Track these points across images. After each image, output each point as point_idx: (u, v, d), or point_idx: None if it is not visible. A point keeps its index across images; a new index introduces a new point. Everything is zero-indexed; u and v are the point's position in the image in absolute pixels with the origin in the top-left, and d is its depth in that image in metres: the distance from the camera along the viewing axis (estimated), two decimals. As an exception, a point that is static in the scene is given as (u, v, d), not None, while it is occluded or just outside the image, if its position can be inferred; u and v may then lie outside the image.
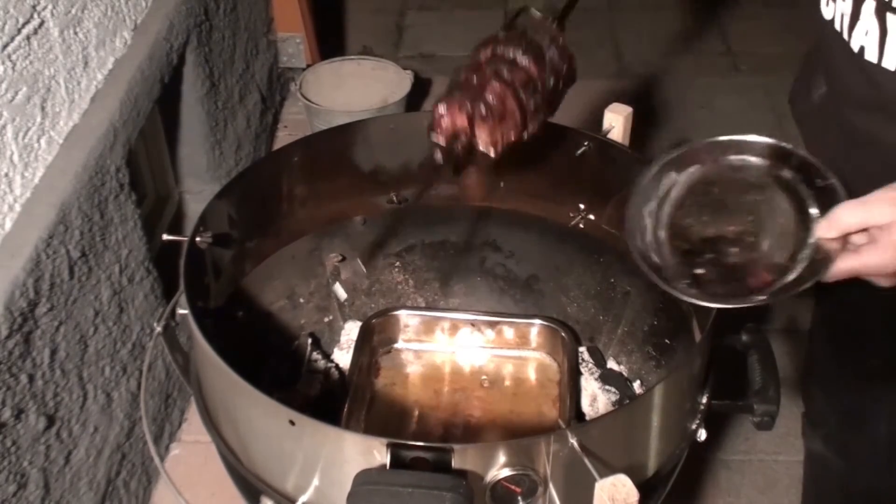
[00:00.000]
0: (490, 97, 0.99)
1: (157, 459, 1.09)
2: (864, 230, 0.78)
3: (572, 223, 1.25)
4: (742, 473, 1.61)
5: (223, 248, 1.11)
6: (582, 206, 1.24)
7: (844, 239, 0.79)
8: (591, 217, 1.24)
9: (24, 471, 1.15)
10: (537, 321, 1.23)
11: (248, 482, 0.95)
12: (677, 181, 0.92)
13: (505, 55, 1.02)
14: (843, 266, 0.78)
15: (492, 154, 1.01)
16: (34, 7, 1.19)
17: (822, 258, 0.79)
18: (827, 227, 0.79)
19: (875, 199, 0.77)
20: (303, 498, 0.89)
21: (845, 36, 0.91)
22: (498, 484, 0.80)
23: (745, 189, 0.88)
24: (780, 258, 0.82)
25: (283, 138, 2.37)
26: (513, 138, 1.03)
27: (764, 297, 0.80)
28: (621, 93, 2.49)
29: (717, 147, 0.91)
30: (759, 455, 1.63)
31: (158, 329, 1.06)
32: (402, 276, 1.34)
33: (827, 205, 0.81)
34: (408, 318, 1.24)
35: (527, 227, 1.29)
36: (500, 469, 0.80)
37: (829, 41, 0.95)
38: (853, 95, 0.97)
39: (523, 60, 1.04)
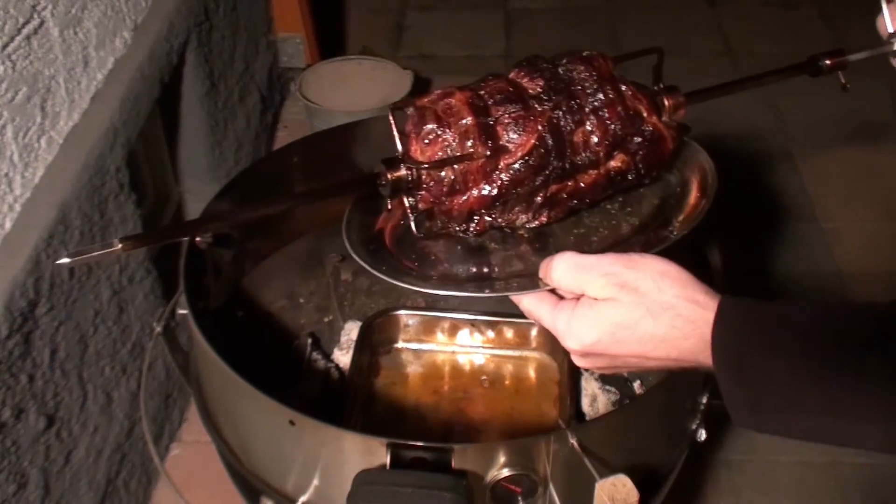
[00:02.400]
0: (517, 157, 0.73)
1: (157, 459, 1.10)
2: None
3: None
4: (742, 473, 1.61)
5: (223, 248, 1.11)
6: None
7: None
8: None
9: (24, 471, 1.15)
10: (537, 321, 1.23)
11: (248, 482, 0.95)
12: None
13: (574, 97, 0.76)
14: (533, 311, 0.72)
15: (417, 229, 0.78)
16: (34, 7, 1.19)
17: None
18: (542, 269, 0.71)
19: (601, 267, 0.67)
20: (303, 498, 0.89)
21: None
22: (498, 484, 0.81)
23: None
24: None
25: (283, 138, 2.37)
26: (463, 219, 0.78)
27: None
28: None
29: None
30: (759, 455, 1.63)
31: (158, 329, 1.06)
32: (403, 276, 1.34)
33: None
34: (408, 318, 1.24)
35: (527, 227, 1.29)
36: (500, 469, 0.80)
37: None
38: None
39: (595, 122, 0.76)
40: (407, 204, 0.74)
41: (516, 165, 0.73)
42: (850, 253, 2.02)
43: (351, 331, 1.27)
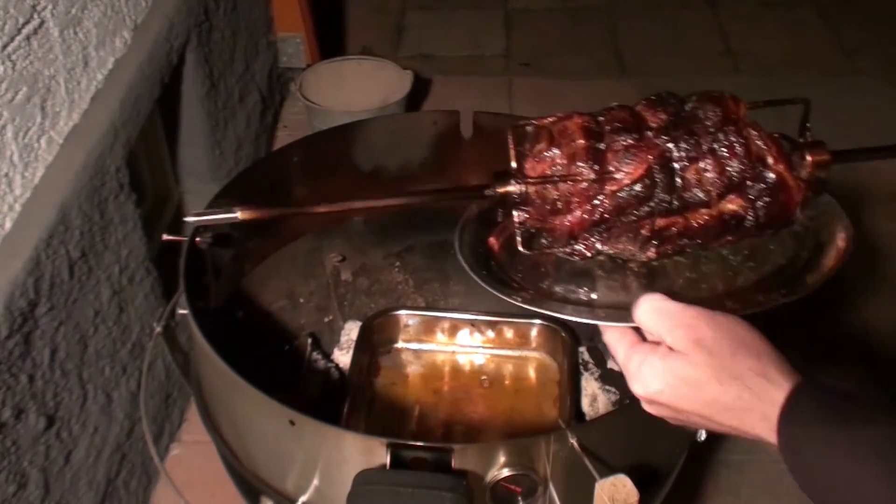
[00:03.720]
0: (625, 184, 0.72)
1: (157, 459, 1.10)
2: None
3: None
4: (742, 473, 1.61)
5: (223, 248, 1.11)
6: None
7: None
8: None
9: (24, 471, 1.15)
10: (537, 321, 1.23)
11: (248, 482, 0.95)
12: None
13: (695, 135, 0.74)
14: (611, 345, 0.71)
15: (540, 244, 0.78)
16: (34, 7, 1.19)
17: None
18: (635, 307, 0.69)
19: (681, 317, 0.66)
20: (303, 498, 0.89)
21: None
22: (498, 484, 0.81)
23: None
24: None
25: (283, 138, 2.37)
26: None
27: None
28: (621, 93, 2.48)
29: None
30: (759, 455, 1.62)
31: (158, 329, 1.06)
32: (402, 276, 1.34)
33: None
34: (408, 318, 1.24)
35: (527, 227, 1.29)
36: (500, 469, 0.80)
37: None
38: None
39: (716, 162, 0.74)
40: (515, 218, 0.76)
41: (621, 193, 0.73)
42: (850, 253, 2.02)
43: (351, 331, 1.27)
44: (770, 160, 0.76)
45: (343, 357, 1.25)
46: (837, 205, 0.84)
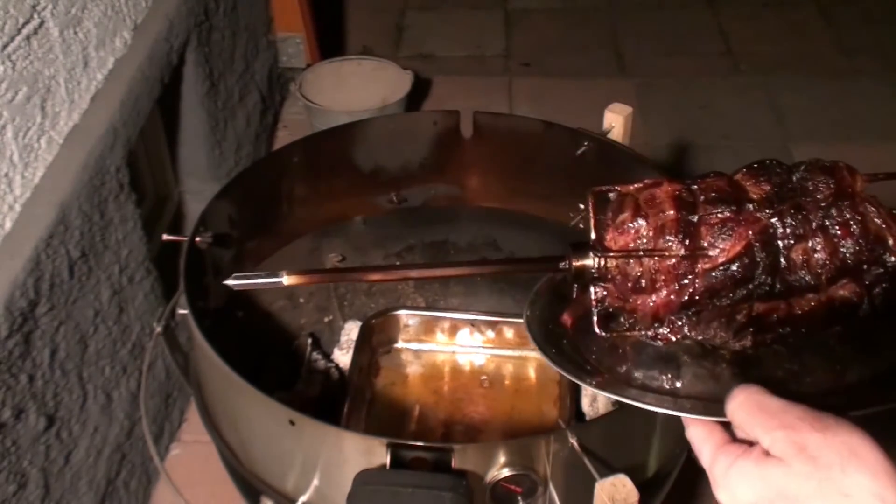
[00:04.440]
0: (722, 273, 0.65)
1: (157, 459, 1.09)
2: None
3: (572, 223, 1.25)
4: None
5: (223, 248, 1.11)
6: (582, 206, 1.24)
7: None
8: (592, 217, 1.24)
9: (24, 471, 1.15)
10: (537, 321, 1.23)
11: (248, 482, 0.95)
12: None
13: (809, 213, 0.66)
14: (695, 442, 0.62)
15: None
16: (34, 7, 1.19)
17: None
18: (728, 399, 0.60)
19: (784, 416, 0.56)
20: (303, 498, 0.89)
21: None
22: (498, 484, 0.81)
23: None
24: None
25: (283, 138, 2.37)
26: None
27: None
28: (621, 93, 2.49)
29: None
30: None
31: (158, 329, 1.06)
32: (402, 276, 1.34)
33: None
34: (408, 318, 1.24)
35: (527, 227, 1.29)
36: (500, 469, 0.80)
37: None
38: None
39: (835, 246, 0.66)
40: (592, 295, 0.69)
41: (715, 273, 0.65)
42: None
43: (351, 331, 1.27)
44: (891, 241, 0.67)
45: (343, 357, 1.25)
46: None
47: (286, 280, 0.67)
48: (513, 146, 1.25)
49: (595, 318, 0.69)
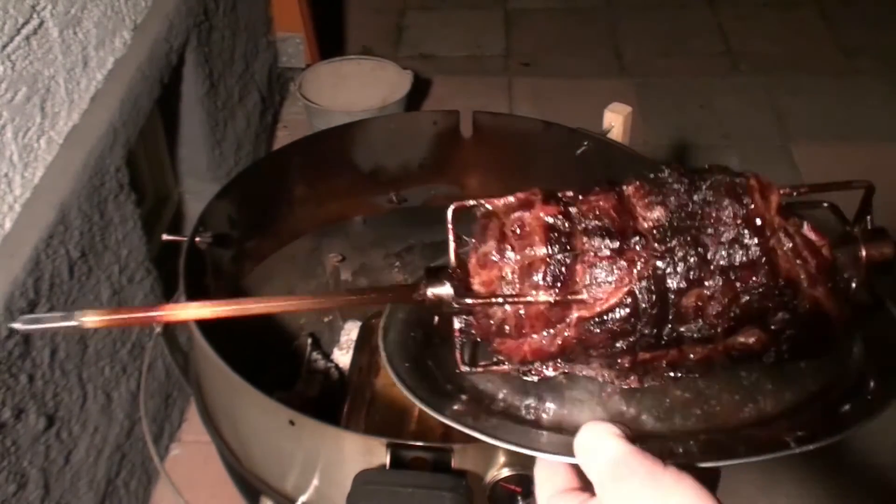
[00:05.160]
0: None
1: (157, 459, 1.10)
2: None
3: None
4: (742, 473, 1.61)
5: (223, 248, 1.11)
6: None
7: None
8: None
9: (23, 471, 1.15)
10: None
11: (248, 482, 0.95)
12: None
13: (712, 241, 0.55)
14: (536, 483, 0.56)
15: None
16: (34, 7, 1.19)
17: None
18: (576, 437, 0.52)
19: (620, 470, 0.49)
20: (303, 498, 0.89)
21: None
22: (498, 484, 0.81)
23: None
24: None
25: (283, 138, 2.37)
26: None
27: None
28: (621, 93, 2.49)
29: None
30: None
31: (158, 329, 1.06)
32: (402, 276, 1.34)
33: None
34: (407, 318, 1.24)
35: (527, 226, 1.29)
36: (500, 469, 0.80)
37: None
38: None
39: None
40: (456, 327, 0.59)
41: (589, 325, 0.55)
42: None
43: (351, 331, 1.27)
44: (805, 282, 0.55)
45: (343, 357, 1.25)
46: (891, 308, 0.64)
47: (85, 321, 0.55)
48: (513, 146, 1.25)
49: (457, 354, 0.60)
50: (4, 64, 1.12)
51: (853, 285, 0.58)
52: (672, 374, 0.59)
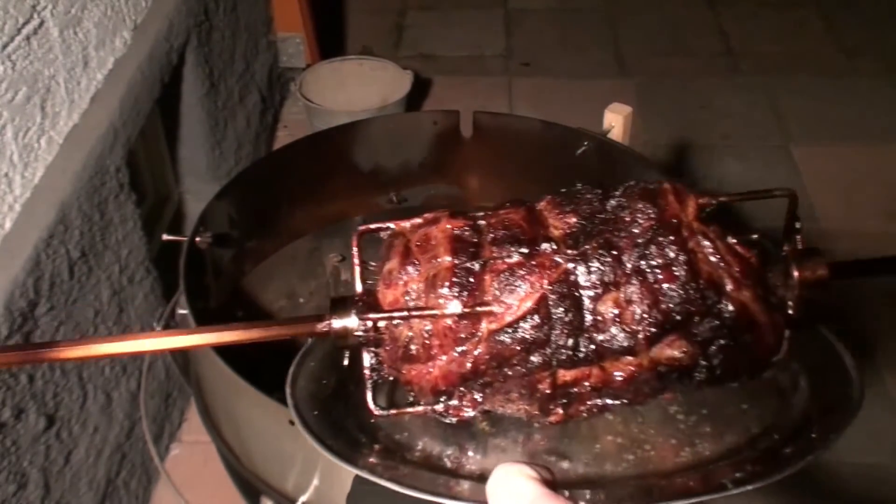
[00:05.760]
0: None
1: (157, 459, 1.10)
2: None
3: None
4: None
5: (223, 248, 1.11)
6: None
7: None
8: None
9: (24, 471, 1.15)
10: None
11: (248, 482, 0.95)
12: None
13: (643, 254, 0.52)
14: None
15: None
16: (34, 7, 1.19)
17: None
18: (487, 484, 0.50)
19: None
20: (303, 498, 0.89)
21: None
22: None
23: None
24: None
25: (283, 138, 2.37)
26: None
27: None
28: (621, 93, 2.49)
29: None
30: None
31: (158, 329, 1.06)
32: (402, 276, 1.34)
33: None
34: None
35: (527, 227, 1.29)
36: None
37: None
38: None
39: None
40: (366, 364, 0.55)
41: (501, 336, 0.51)
42: (850, 253, 2.01)
43: (351, 331, 1.27)
44: (729, 285, 0.52)
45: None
46: (835, 342, 0.60)
47: None
48: (513, 146, 1.25)
49: (369, 394, 0.55)
50: (5, 64, 1.12)
51: (789, 303, 0.54)
52: (599, 401, 0.54)
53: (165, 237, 1.16)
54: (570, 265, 0.51)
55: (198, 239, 1.04)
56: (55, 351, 0.53)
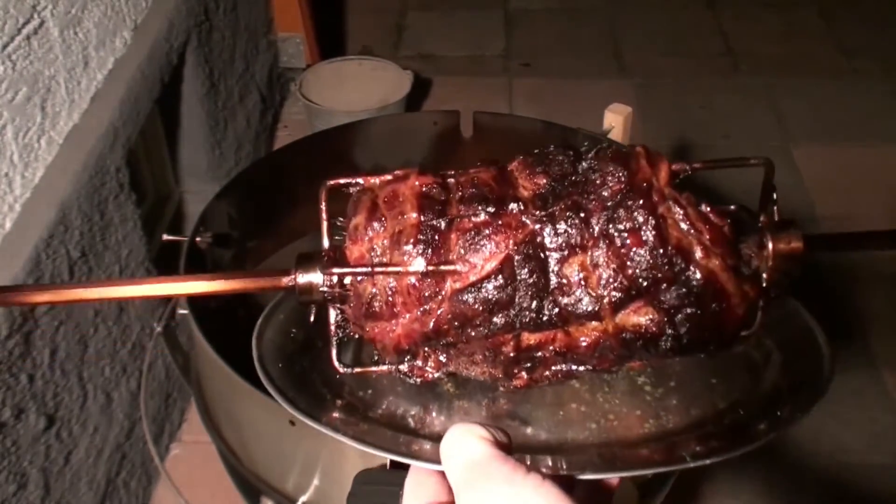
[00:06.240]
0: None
1: (157, 459, 1.10)
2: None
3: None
4: (741, 476, 1.61)
5: (223, 248, 1.11)
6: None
7: None
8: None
9: (24, 471, 1.15)
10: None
11: (248, 482, 0.95)
12: None
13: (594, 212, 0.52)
14: (404, 495, 0.52)
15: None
16: (34, 7, 1.19)
17: None
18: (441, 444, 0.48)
19: (481, 478, 0.45)
20: (303, 498, 0.89)
21: None
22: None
23: None
24: None
25: (283, 138, 2.37)
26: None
27: None
28: (621, 93, 2.49)
29: None
30: (760, 459, 1.63)
31: (158, 329, 1.06)
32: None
33: None
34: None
35: (527, 227, 1.29)
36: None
37: None
38: None
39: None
40: (331, 320, 0.55)
41: (464, 295, 0.51)
42: (850, 253, 2.02)
43: (351, 331, 1.27)
44: (698, 252, 0.51)
45: (343, 357, 1.25)
46: (808, 318, 0.60)
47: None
48: (513, 146, 1.25)
49: (333, 351, 0.55)
50: (5, 64, 1.13)
51: (763, 275, 0.53)
52: (564, 366, 0.54)
53: (165, 237, 1.16)
54: (537, 226, 0.51)
55: (198, 239, 1.04)
56: (26, 295, 0.53)
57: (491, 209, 0.51)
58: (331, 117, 2.16)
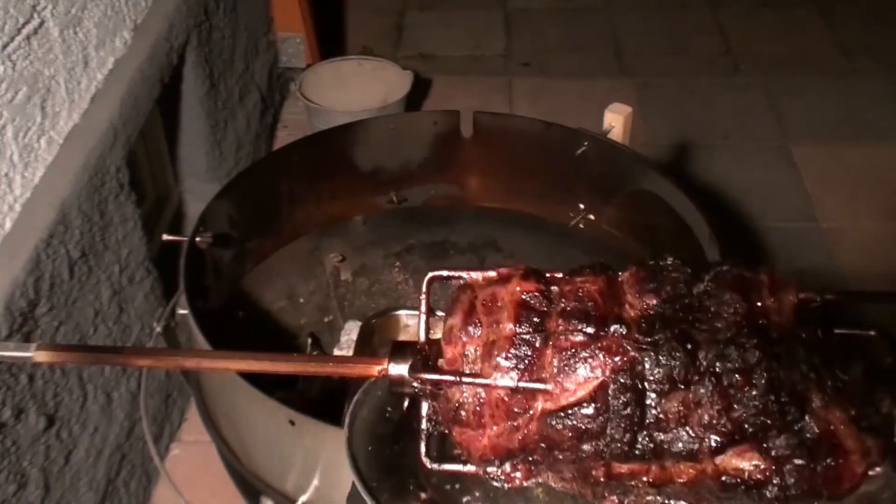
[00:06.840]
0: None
1: (157, 459, 1.10)
2: None
3: (572, 223, 1.25)
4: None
5: (223, 248, 1.11)
6: (582, 206, 1.25)
7: None
8: (591, 217, 1.24)
9: (24, 471, 1.15)
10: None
11: (248, 482, 0.95)
12: None
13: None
14: None
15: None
16: (34, 7, 1.19)
17: None
18: None
19: None
20: (303, 498, 0.89)
21: None
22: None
23: None
24: None
25: (283, 138, 2.37)
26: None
27: None
28: (621, 93, 2.49)
29: None
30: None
31: (158, 329, 1.06)
32: (402, 276, 1.34)
33: None
34: (408, 319, 1.24)
35: (527, 227, 1.29)
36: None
37: None
38: None
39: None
40: (423, 412, 0.53)
41: (553, 420, 0.48)
42: (850, 253, 2.02)
43: (351, 331, 1.27)
44: (816, 401, 0.46)
45: (343, 357, 1.25)
46: None
47: (34, 355, 0.54)
48: (513, 146, 1.26)
49: (423, 445, 0.53)
50: (5, 64, 1.12)
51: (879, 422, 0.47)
52: (658, 498, 0.50)
53: (165, 237, 1.16)
54: (639, 354, 0.48)
55: (198, 239, 1.04)
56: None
57: (591, 329, 0.48)
58: (331, 117, 2.16)
